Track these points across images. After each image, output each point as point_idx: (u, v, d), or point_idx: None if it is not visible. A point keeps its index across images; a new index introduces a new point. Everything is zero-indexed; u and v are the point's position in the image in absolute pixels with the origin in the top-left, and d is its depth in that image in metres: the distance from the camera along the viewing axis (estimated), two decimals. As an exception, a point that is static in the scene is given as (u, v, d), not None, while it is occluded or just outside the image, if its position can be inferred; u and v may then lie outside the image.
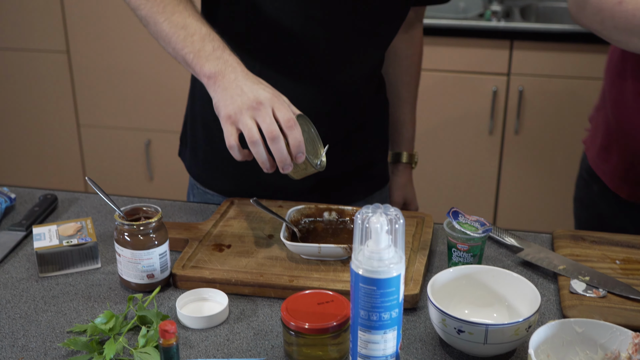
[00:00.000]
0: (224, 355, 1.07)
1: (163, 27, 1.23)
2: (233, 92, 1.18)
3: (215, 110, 1.21)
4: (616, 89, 1.49)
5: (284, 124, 1.16)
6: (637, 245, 1.30)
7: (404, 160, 1.69)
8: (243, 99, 1.17)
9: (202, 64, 1.21)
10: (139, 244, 1.18)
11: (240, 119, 1.16)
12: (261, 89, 1.18)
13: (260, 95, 1.17)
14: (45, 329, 1.12)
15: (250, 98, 1.16)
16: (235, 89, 1.18)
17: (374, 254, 0.93)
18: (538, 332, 0.98)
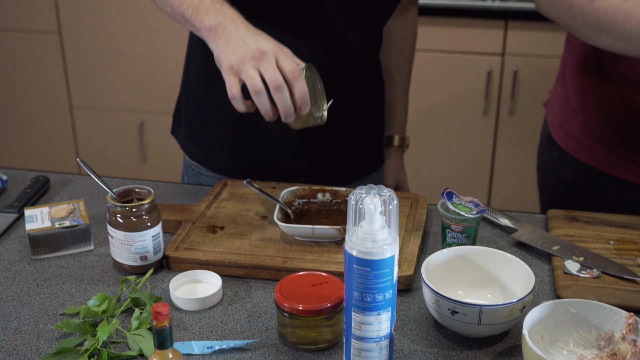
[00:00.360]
0: (217, 337, 1.06)
1: None
2: (235, 43, 1.15)
3: (216, 62, 1.18)
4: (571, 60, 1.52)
5: (289, 75, 1.14)
6: (631, 225, 1.30)
7: (396, 143, 1.69)
8: (245, 49, 1.14)
9: (201, 18, 1.19)
10: (132, 225, 1.17)
11: (243, 69, 1.14)
12: (264, 39, 1.16)
13: (263, 46, 1.15)
14: (38, 311, 1.12)
15: (252, 48, 1.14)
16: (237, 40, 1.16)
17: (367, 235, 0.92)
18: (532, 312, 0.98)
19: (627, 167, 1.45)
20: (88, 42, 3.20)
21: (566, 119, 1.55)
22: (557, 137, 1.57)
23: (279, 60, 1.15)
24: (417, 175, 3.09)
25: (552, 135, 1.59)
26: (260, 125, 1.45)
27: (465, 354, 1.03)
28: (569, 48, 1.54)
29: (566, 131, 1.55)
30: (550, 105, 1.64)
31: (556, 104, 1.59)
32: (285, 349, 1.04)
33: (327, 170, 1.50)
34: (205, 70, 1.45)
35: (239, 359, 1.02)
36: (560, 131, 1.56)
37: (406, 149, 1.72)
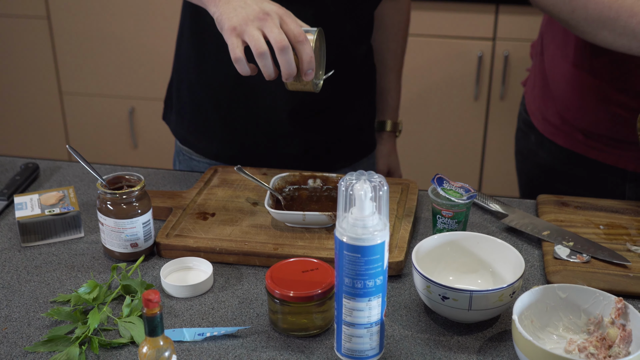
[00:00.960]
0: (208, 323, 1.07)
1: None
2: (236, 5, 1.11)
3: (217, 25, 1.14)
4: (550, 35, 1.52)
5: (294, 38, 1.10)
6: (621, 210, 1.31)
7: (388, 128, 1.68)
8: (247, 10, 1.11)
9: None
10: (122, 212, 1.17)
11: (246, 30, 1.10)
12: (266, 1, 1.12)
13: (266, 7, 1.11)
14: (28, 299, 1.12)
15: (255, 9, 1.10)
16: (239, 1, 1.12)
17: (358, 221, 0.92)
18: (522, 298, 0.98)
19: (605, 150, 1.46)
20: (77, 27, 3.18)
21: (543, 103, 1.54)
22: (535, 120, 1.57)
23: (283, 21, 1.11)
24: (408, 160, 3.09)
25: (531, 118, 1.59)
26: (251, 111, 1.44)
27: (456, 339, 1.03)
28: (550, 32, 1.52)
29: (543, 115, 1.55)
30: (528, 85, 1.64)
31: (535, 85, 1.59)
32: (277, 335, 1.04)
33: (319, 155, 1.50)
34: (196, 54, 1.45)
35: (230, 345, 1.02)
36: (538, 114, 1.56)
37: (399, 134, 1.71)
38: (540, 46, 1.57)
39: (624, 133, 1.40)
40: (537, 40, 1.61)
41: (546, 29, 1.54)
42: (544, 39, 1.55)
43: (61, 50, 3.23)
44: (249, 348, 1.01)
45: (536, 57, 1.60)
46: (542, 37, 1.57)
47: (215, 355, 1.00)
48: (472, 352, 1.01)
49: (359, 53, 1.50)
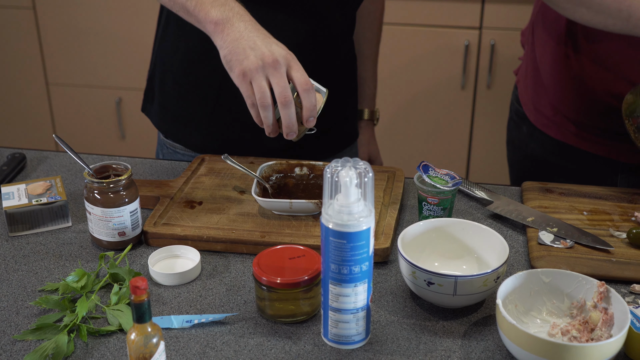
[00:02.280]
0: (196, 311, 1.07)
1: None
2: (245, 45, 1.12)
3: (224, 63, 1.15)
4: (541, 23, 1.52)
5: (301, 86, 1.12)
6: (605, 196, 1.32)
7: (366, 117, 1.69)
8: (257, 53, 1.11)
9: (207, 11, 1.15)
10: (109, 201, 1.18)
11: (255, 78, 1.12)
12: (274, 43, 1.13)
13: (275, 52, 1.11)
14: (16, 288, 1.12)
15: (265, 54, 1.11)
16: (247, 41, 1.12)
17: (343, 207, 0.93)
18: (506, 282, 1.00)
19: (596, 141, 1.47)
20: (63, 17, 3.16)
21: (536, 94, 1.55)
22: (527, 111, 1.58)
23: (290, 69, 1.12)
24: (395, 149, 3.10)
25: (523, 108, 1.60)
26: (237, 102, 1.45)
27: (441, 324, 1.04)
28: (541, 20, 1.53)
29: (535, 106, 1.55)
30: (520, 74, 1.65)
31: (527, 75, 1.59)
32: (264, 322, 1.05)
33: (303, 146, 1.51)
34: (183, 48, 1.45)
35: (217, 332, 1.03)
36: (530, 105, 1.57)
37: (376, 122, 1.72)
38: (532, 35, 1.58)
39: (615, 124, 1.41)
40: (528, 28, 1.62)
41: (537, 17, 1.55)
42: (534, 28, 1.56)
43: (47, 41, 3.22)
44: (237, 334, 1.02)
45: (527, 45, 1.61)
46: (532, 26, 1.57)
47: (203, 342, 1.01)
48: (457, 337, 1.02)
49: (346, 47, 1.50)
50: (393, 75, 2.96)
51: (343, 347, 1.00)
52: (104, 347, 1.00)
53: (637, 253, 1.16)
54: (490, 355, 0.98)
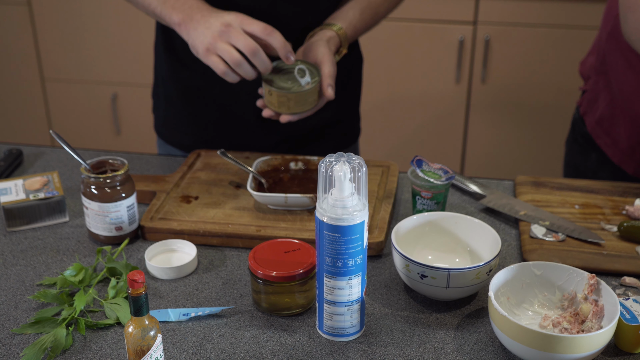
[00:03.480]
0: (193, 304, 1.09)
1: None
2: (202, 28, 1.22)
3: (193, 52, 1.26)
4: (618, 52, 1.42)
5: (261, 33, 1.21)
6: (596, 190, 1.34)
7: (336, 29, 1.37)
8: (212, 29, 1.21)
9: (170, 14, 1.26)
10: (106, 196, 1.19)
11: (217, 47, 1.21)
12: (225, 14, 1.22)
13: (226, 19, 1.21)
14: (14, 282, 1.13)
15: (217, 25, 1.21)
16: (204, 24, 1.22)
17: (337, 201, 0.95)
18: (498, 275, 1.01)
19: None
20: (58, 13, 3.17)
21: (611, 124, 1.47)
22: (601, 143, 1.50)
23: (245, 25, 1.21)
24: (390, 143, 3.11)
25: (594, 139, 1.51)
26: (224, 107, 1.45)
27: (435, 316, 1.06)
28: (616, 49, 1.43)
29: (612, 138, 1.47)
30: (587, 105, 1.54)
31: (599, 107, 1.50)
32: (260, 314, 1.06)
33: (299, 147, 1.51)
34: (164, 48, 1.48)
35: (214, 325, 1.04)
36: (605, 137, 1.49)
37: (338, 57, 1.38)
38: (603, 64, 1.47)
39: None
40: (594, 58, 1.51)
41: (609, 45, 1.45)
42: (607, 57, 1.46)
43: (42, 36, 3.22)
44: (233, 327, 1.04)
45: (597, 75, 1.51)
46: (604, 55, 1.47)
47: (199, 335, 1.02)
48: (450, 329, 1.03)
49: None
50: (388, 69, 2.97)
51: (338, 339, 1.01)
52: (102, 340, 1.02)
53: (627, 246, 1.17)
54: (482, 346, 1.00)
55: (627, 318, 0.96)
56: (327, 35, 1.34)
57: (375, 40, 2.94)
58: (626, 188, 1.34)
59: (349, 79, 1.55)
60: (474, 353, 0.99)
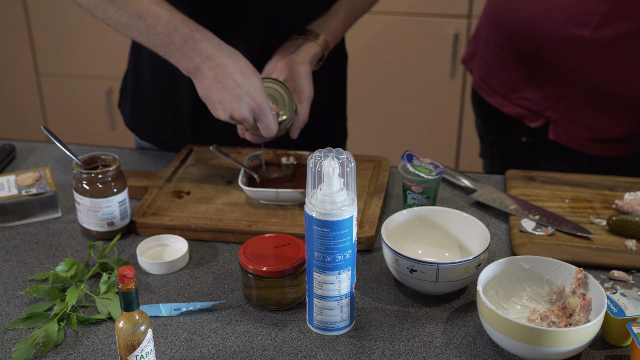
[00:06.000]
0: (184, 299, 1.09)
1: (117, 18, 1.18)
2: (214, 97, 1.21)
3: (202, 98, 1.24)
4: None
5: (266, 136, 1.25)
6: (586, 184, 1.34)
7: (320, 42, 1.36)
8: (225, 107, 1.21)
9: (176, 60, 1.20)
10: (98, 192, 1.19)
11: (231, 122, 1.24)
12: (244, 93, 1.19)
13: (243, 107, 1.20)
14: (7, 278, 1.14)
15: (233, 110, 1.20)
16: (216, 92, 1.20)
17: (326, 197, 0.95)
18: (486, 269, 1.02)
19: None
20: (53, 7, 3.16)
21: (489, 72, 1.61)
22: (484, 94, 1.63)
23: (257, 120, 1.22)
24: (384, 137, 3.12)
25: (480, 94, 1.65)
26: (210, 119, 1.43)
27: (424, 310, 1.07)
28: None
29: (490, 86, 1.61)
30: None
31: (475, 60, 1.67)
32: (251, 309, 1.07)
33: None
34: None
35: (205, 319, 1.05)
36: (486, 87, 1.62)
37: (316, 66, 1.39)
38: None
39: None
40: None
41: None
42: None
43: (37, 31, 3.22)
44: (224, 322, 1.04)
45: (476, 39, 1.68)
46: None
47: (191, 329, 1.03)
48: (439, 323, 1.04)
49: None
50: (382, 64, 2.97)
51: (328, 333, 1.02)
52: (94, 335, 1.02)
53: (616, 240, 1.18)
54: (471, 340, 1.01)
55: (614, 312, 0.97)
56: (312, 53, 1.34)
57: (369, 34, 2.94)
58: (616, 182, 1.35)
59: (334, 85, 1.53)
60: (463, 347, 1.00)
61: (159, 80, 1.44)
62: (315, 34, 1.36)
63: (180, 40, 1.18)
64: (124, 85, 1.56)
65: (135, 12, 1.17)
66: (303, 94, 1.29)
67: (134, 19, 1.18)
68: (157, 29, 1.18)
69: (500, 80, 1.56)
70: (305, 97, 1.30)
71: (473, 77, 1.67)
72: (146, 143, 1.56)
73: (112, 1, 1.17)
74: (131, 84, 1.51)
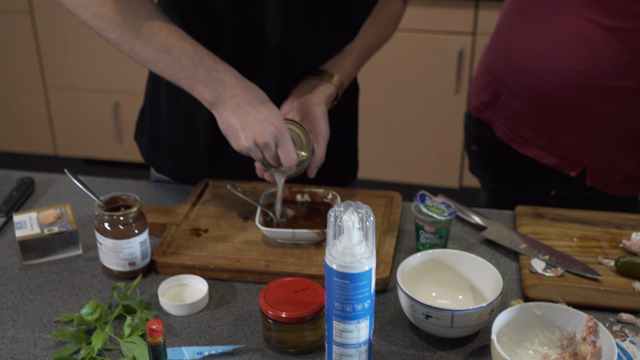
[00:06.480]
0: (206, 342, 1.13)
1: (143, 53, 1.22)
2: (237, 125, 1.22)
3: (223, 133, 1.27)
4: None
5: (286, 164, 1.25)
6: (594, 222, 1.38)
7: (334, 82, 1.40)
8: (248, 134, 1.22)
9: (200, 91, 1.23)
10: (120, 233, 1.22)
11: (250, 154, 1.25)
12: (265, 119, 1.22)
13: (265, 132, 1.21)
14: (32, 318, 1.17)
15: (256, 135, 1.21)
16: (239, 119, 1.22)
17: (346, 249, 0.98)
18: (500, 317, 1.05)
19: None
20: (60, 21, 3.19)
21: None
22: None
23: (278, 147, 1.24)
24: (389, 153, 3.15)
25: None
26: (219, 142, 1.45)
27: (439, 354, 1.10)
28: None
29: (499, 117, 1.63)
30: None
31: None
32: (270, 352, 1.10)
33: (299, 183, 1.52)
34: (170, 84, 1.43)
35: (227, 363, 1.08)
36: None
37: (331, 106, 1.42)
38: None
39: None
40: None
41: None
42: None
43: (45, 45, 3.25)
44: (245, 365, 1.08)
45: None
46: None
47: (213, 374, 1.06)
48: (454, 367, 1.08)
49: None
50: (387, 80, 3.00)
51: (346, 378, 1.05)
52: (119, 379, 1.06)
53: (624, 282, 1.22)
54: (485, 385, 1.04)
55: (623, 360, 1.01)
56: (327, 93, 1.37)
57: (375, 50, 2.97)
58: (623, 220, 1.38)
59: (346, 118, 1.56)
60: (477, 392, 1.03)
61: (177, 115, 1.48)
62: (330, 74, 1.39)
63: (205, 72, 1.23)
64: (141, 119, 1.59)
65: (162, 47, 1.22)
66: (320, 135, 1.33)
67: (160, 54, 1.22)
68: (183, 62, 1.22)
69: (538, 131, 1.54)
70: (322, 138, 1.33)
71: (497, 128, 1.63)
72: (162, 175, 1.59)
73: (139, 37, 1.22)
74: (148, 118, 1.54)
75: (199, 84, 1.23)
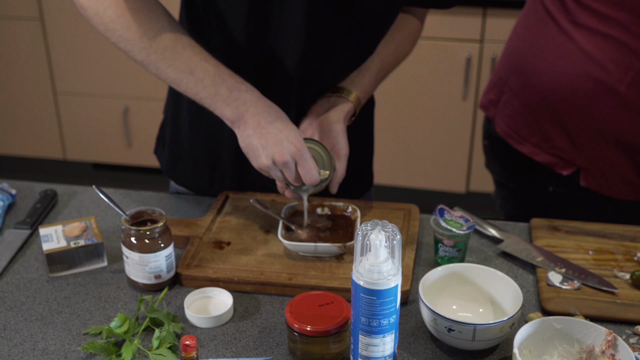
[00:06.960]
0: (232, 354, 1.15)
1: (168, 73, 1.27)
2: (257, 143, 1.26)
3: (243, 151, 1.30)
4: None
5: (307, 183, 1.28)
6: (608, 234, 1.40)
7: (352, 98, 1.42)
8: (268, 152, 1.25)
9: (222, 110, 1.27)
10: (146, 247, 1.25)
11: (270, 172, 1.29)
12: (285, 139, 1.25)
13: (285, 150, 1.24)
14: (61, 331, 1.20)
15: (275, 154, 1.25)
16: (260, 138, 1.25)
17: (373, 267, 1.01)
18: (521, 330, 1.08)
19: None
20: (70, 27, 3.22)
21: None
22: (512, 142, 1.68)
23: (298, 166, 1.27)
24: (397, 159, 3.18)
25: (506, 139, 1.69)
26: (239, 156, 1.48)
27: (461, 366, 1.13)
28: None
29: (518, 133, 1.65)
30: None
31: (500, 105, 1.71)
32: (296, 365, 1.13)
33: None
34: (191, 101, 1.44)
35: (254, 375, 1.11)
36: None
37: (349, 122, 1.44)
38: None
39: None
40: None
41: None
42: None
43: (55, 50, 3.27)
44: (272, 378, 1.11)
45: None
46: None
47: (241, 386, 1.09)
48: (475, 379, 1.10)
49: None
50: (395, 86, 3.03)
51: (371, 390, 1.08)
52: (150, 391, 1.08)
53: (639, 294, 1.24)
54: (506, 397, 1.07)
55: (642, 373, 1.04)
56: (346, 110, 1.40)
57: (383, 56, 3.00)
58: (637, 232, 1.41)
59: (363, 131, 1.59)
60: (499, 404, 1.06)
61: (198, 129, 1.50)
62: (348, 91, 1.42)
63: (227, 91, 1.26)
64: (161, 133, 1.62)
65: (185, 68, 1.26)
66: (340, 152, 1.36)
67: (183, 74, 1.27)
68: (205, 82, 1.26)
69: (532, 129, 1.60)
70: (343, 154, 1.36)
71: (497, 124, 1.70)
72: (182, 187, 1.62)
73: (163, 59, 1.26)
74: (169, 132, 1.57)
75: (221, 103, 1.27)
